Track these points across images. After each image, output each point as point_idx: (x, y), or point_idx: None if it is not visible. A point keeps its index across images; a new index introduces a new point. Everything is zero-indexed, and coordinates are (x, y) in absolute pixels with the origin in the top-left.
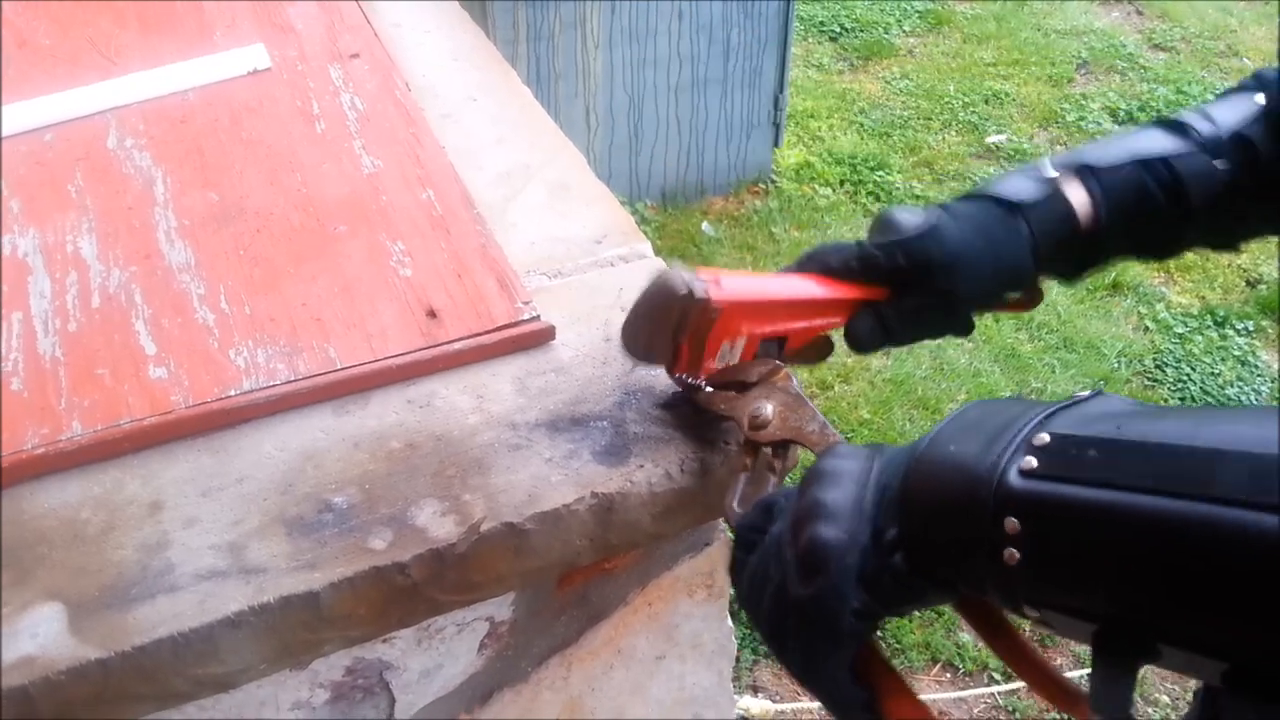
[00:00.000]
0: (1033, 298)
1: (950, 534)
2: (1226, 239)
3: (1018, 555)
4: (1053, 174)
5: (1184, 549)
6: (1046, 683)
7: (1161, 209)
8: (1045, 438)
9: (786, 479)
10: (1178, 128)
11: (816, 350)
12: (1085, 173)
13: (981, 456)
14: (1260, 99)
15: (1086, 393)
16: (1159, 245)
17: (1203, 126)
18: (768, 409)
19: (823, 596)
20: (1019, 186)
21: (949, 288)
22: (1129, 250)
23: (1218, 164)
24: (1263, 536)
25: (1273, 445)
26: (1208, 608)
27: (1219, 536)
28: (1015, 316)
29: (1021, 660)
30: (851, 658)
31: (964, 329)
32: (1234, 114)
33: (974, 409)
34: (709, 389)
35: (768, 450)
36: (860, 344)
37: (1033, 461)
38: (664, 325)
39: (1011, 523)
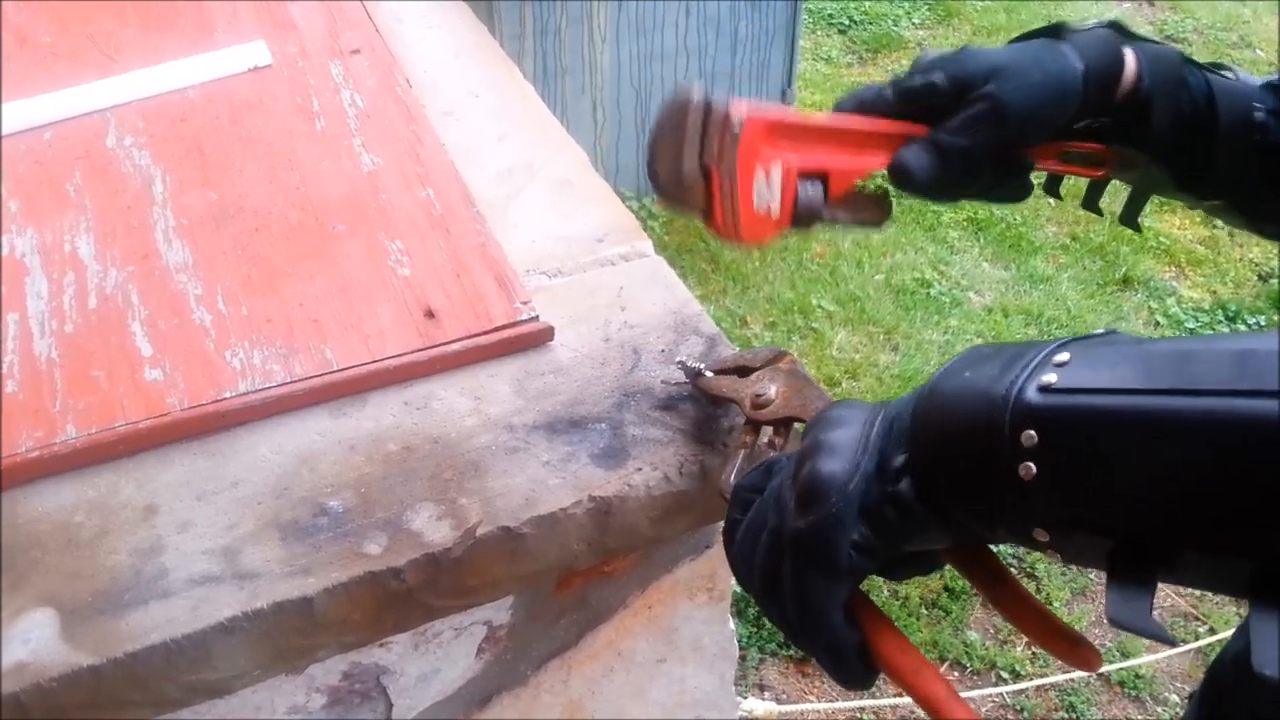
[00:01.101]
0: (1104, 158)
1: (963, 453)
2: (1254, 203)
3: (1034, 470)
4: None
5: (1215, 443)
6: (1046, 629)
7: (1200, 108)
8: (1065, 355)
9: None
10: (1214, 65)
11: (870, 205)
12: (1130, 39)
13: (998, 378)
14: None
15: (1100, 331)
16: (1197, 153)
17: (1237, 71)
18: (771, 389)
19: (821, 526)
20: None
21: (994, 96)
22: (1171, 143)
23: (1255, 104)
24: None
25: None
26: (1240, 503)
27: (1252, 427)
28: (1024, 312)
29: (1019, 606)
30: (848, 596)
31: (1020, 171)
32: (1264, 75)
33: (987, 346)
34: (710, 374)
35: (769, 430)
36: (910, 174)
37: (1052, 377)
38: (686, 144)
39: (1029, 435)
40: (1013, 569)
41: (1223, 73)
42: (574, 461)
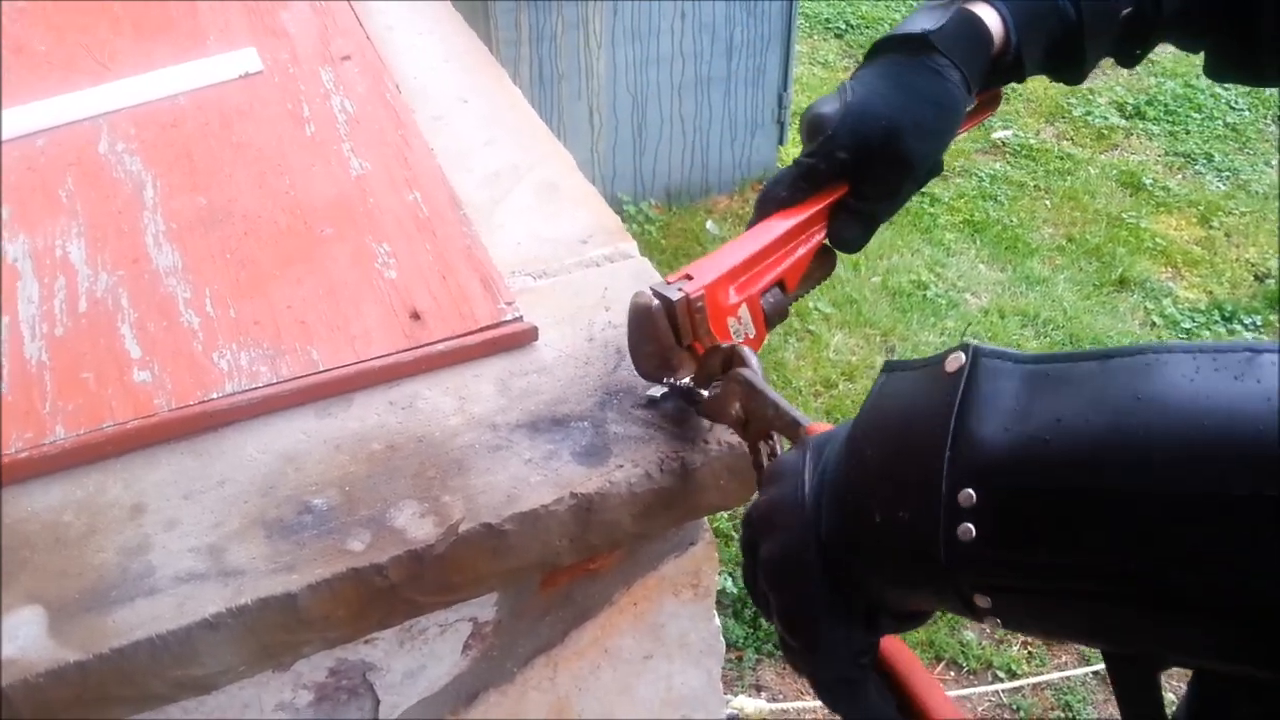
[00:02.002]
0: (995, 98)
1: (925, 604)
2: (1130, 58)
3: (999, 621)
4: None
5: (1156, 609)
6: None
7: (1070, 24)
8: (971, 496)
9: None
10: None
11: (819, 267)
12: None
13: (917, 524)
14: None
15: (960, 359)
16: (1071, 60)
17: None
18: (736, 405)
19: (824, 673)
20: (922, 20)
21: (899, 152)
22: (1046, 68)
23: None
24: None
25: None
26: (1202, 650)
27: (1179, 621)
28: (1021, 313)
29: None
30: (869, 682)
31: (936, 172)
32: None
33: (867, 446)
34: (704, 392)
35: (760, 443)
36: (850, 243)
37: (970, 529)
38: (664, 342)
39: (983, 599)
40: None
41: None
42: (556, 459)
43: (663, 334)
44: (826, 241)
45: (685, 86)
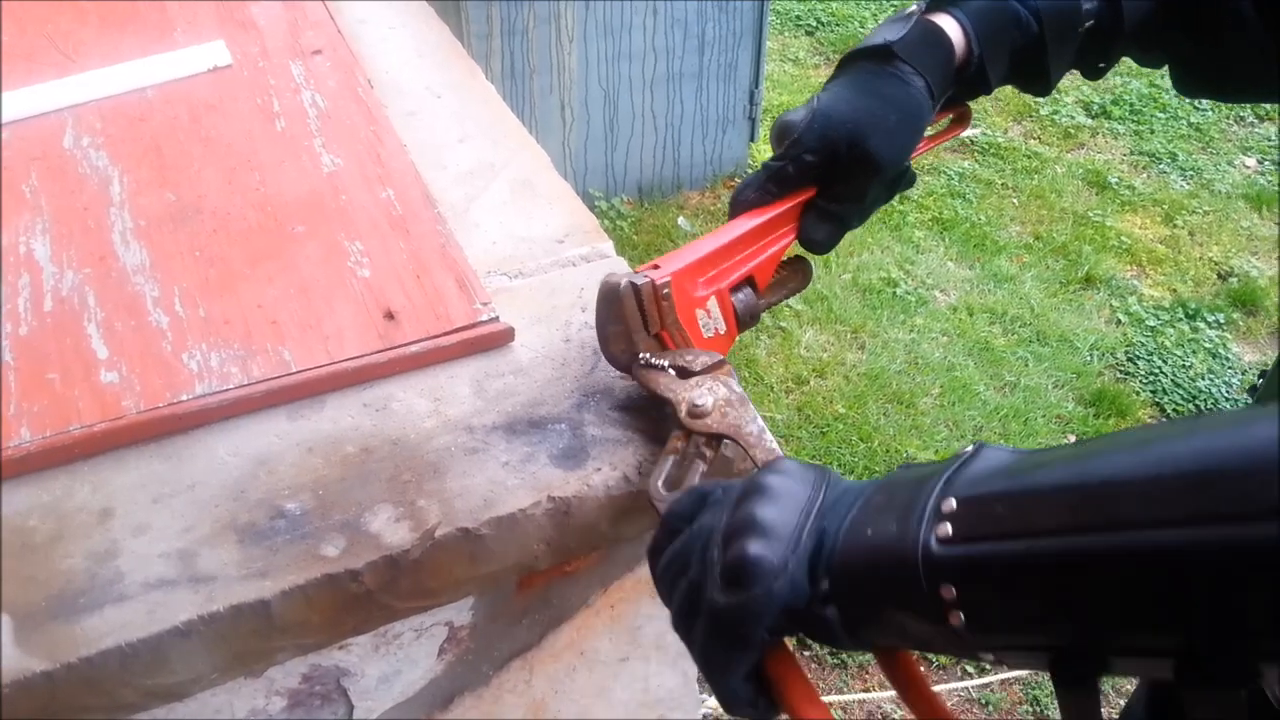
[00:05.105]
0: (963, 112)
1: (889, 609)
2: (1093, 70)
3: (961, 617)
4: (913, 9)
5: (1101, 578)
6: None
7: (1031, 36)
8: (952, 504)
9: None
10: None
11: (794, 276)
12: (946, 4)
13: (901, 534)
14: None
15: (969, 449)
16: (1033, 73)
17: None
18: (708, 400)
19: (741, 610)
20: (885, 32)
21: (864, 153)
22: (1009, 79)
23: (1085, 3)
24: (1171, 551)
25: (1154, 468)
26: (1138, 624)
27: (1126, 559)
28: (989, 311)
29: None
30: (752, 664)
31: (906, 183)
32: None
33: (877, 494)
34: (645, 357)
35: (700, 438)
36: (819, 244)
37: (948, 528)
38: (631, 326)
39: (947, 589)
40: None
41: None
42: (533, 462)
43: (630, 315)
44: (797, 242)
45: (657, 82)
